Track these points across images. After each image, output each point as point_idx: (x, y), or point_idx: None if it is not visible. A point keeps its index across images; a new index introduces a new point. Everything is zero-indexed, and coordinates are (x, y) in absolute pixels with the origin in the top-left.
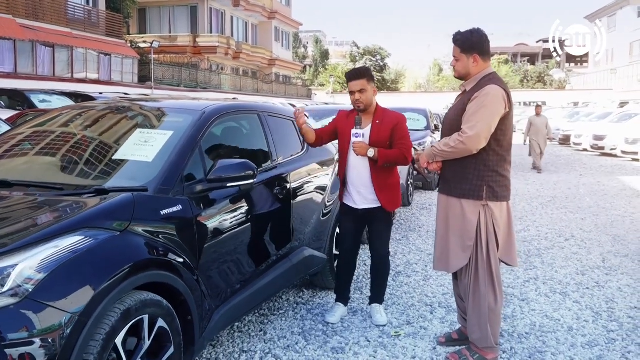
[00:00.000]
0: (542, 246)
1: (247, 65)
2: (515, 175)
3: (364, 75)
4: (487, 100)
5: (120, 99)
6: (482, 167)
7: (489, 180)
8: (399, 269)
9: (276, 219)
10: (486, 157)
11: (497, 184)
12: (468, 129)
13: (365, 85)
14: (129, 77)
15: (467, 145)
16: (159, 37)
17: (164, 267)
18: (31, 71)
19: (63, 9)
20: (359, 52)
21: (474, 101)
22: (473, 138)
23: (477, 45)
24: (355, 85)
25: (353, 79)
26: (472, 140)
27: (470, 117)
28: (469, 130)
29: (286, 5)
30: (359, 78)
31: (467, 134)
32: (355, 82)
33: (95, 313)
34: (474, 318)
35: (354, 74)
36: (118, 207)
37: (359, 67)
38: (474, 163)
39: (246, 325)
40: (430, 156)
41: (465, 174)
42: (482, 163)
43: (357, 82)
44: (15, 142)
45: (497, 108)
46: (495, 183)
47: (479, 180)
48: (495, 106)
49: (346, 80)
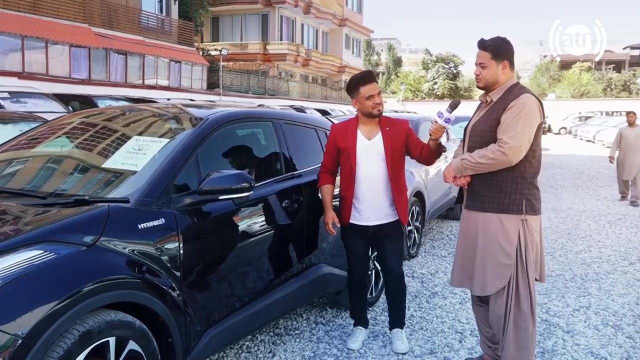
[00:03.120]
0: (601, 270)
1: (316, 73)
2: (585, 189)
3: (377, 79)
4: (525, 110)
5: (130, 105)
6: (520, 179)
7: (527, 193)
8: (436, 289)
9: (285, 234)
10: (523, 169)
11: (534, 197)
12: (509, 139)
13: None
14: (198, 83)
15: (508, 157)
16: (231, 45)
17: (136, 286)
18: (104, 78)
19: (137, 18)
20: (431, 60)
21: (510, 110)
22: (515, 148)
23: (509, 52)
24: (374, 88)
25: (372, 81)
26: (514, 151)
27: (509, 126)
28: (511, 140)
29: (357, 12)
30: (375, 80)
31: (509, 144)
32: (373, 85)
33: (44, 335)
34: (514, 343)
35: (370, 75)
36: (88, 220)
37: (368, 70)
38: (511, 176)
39: (257, 345)
40: (459, 169)
41: (503, 187)
42: (519, 175)
43: (375, 85)
44: (14, 149)
45: (535, 118)
46: (532, 196)
47: (517, 193)
48: (533, 116)
49: (359, 84)
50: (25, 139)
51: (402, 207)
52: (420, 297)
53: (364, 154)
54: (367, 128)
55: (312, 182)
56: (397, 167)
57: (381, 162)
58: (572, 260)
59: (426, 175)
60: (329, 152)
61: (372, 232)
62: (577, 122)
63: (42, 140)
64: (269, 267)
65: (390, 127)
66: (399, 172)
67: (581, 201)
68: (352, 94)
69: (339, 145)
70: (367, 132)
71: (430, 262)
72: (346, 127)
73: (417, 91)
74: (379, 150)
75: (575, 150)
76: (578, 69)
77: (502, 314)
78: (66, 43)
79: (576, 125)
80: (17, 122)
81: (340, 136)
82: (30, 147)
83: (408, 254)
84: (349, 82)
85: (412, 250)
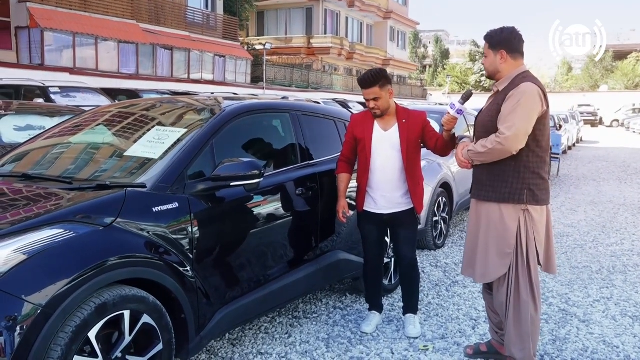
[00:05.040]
0: (631, 262)
1: (360, 66)
2: (629, 182)
3: (376, 82)
4: (523, 99)
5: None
6: (522, 168)
7: (530, 183)
8: (457, 278)
9: (299, 220)
10: (526, 158)
11: (537, 187)
12: (505, 129)
13: (378, 92)
14: (242, 77)
15: (505, 146)
16: (275, 39)
17: (150, 264)
18: (151, 72)
19: (183, 14)
20: (478, 51)
21: (508, 100)
22: (511, 138)
23: (505, 41)
24: (368, 93)
25: (365, 87)
26: (511, 141)
27: (507, 116)
28: (507, 130)
29: (403, 4)
30: (370, 86)
31: (505, 134)
32: (367, 91)
33: (62, 306)
34: (514, 329)
35: (366, 81)
36: (106, 203)
37: (371, 72)
38: (513, 165)
39: (275, 326)
40: (468, 159)
41: (504, 177)
42: (522, 165)
43: (370, 90)
44: (49, 139)
45: (533, 106)
46: (536, 186)
47: (519, 183)
48: (531, 104)
49: (360, 86)
50: (60, 130)
51: (417, 196)
52: (440, 285)
53: (379, 145)
54: (383, 120)
55: (329, 171)
56: (412, 158)
57: (396, 153)
58: (602, 253)
59: (455, 167)
60: (348, 142)
61: (387, 220)
62: (630, 115)
63: (74, 130)
64: (282, 252)
65: (407, 119)
66: (415, 163)
67: (622, 194)
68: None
69: (356, 135)
70: (383, 124)
71: (455, 253)
72: (364, 117)
73: (464, 83)
74: (394, 141)
75: (625, 143)
76: (634, 59)
77: (504, 300)
78: (115, 39)
79: (629, 118)
80: (63, 115)
81: (358, 126)
82: (62, 137)
83: (434, 244)
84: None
85: (439, 241)
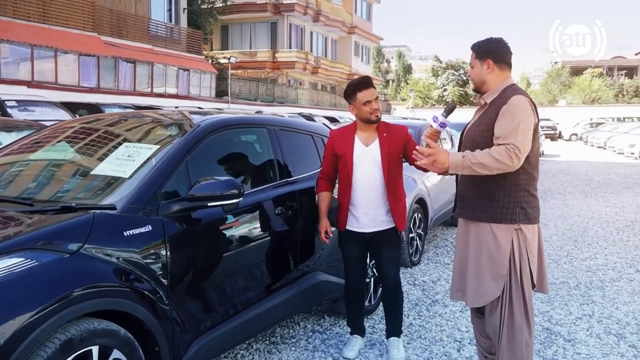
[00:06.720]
0: (607, 277)
1: (325, 80)
2: (594, 196)
3: (373, 84)
4: (524, 114)
5: (127, 112)
6: (513, 186)
7: (521, 201)
8: (437, 297)
9: (278, 241)
10: (516, 175)
11: (528, 205)
12: (520, 145)
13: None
14: (207, 91)
15: (513, 163)
16: (240, 53)
17: (121, 294)
18: (113, 86)
19: (146, 27)
20: (440, 67)
21: (505, 114)
22: (523, 156)
23: (493, 51)
24: (372, 93)
25: (369, 87)
26: (522, 159)
27: (513, 132)
28: (521, 146)
29: (367, 20)
30: (372, 86)
31: (519, 149)
32: (370, 91)
33: (22, 344)
34: (508, 355)
35: (368, 81)
36: (71, 227)
37: (366, 76)
38: (503, 182)
39: (252, 353)
40: (456, 165)
41: (494, 196)
42: (512, 182)
43: (373, 90)
44: (6, 156)
45: (531, 120)
46: (527, 204)
47: (510, 202)
48: (530, 119)
49: (356, 89)
50: (18, 146)
51: (399, 214)
52: (420, 305)
53: (360, 160)
54: (364, 134)
55: (308, 189)
56: (394, 174)
57: (377, 169)
58: (577, 268)
59: (429, 182)
60: (328, 158)
61: (369, 239)
62: (588, 129)
63: (35, 147)
64: (261, 275)
65: (387, 133)
66: (396, 179)
67: (589, 208)
68: (349, 100)
69: (336, 152)
70: (364, 139)
71: (432, 270)
72: (344, 133)
73: (427, 98)
74: (375, 156)
75: (585, 157)
76: (589, 75)
77: (497, 324)
78: (75, 52)
79: (587, 132)
80: (21, 130)
81: (338, 142)
82: (22, 154)
83: (410, 262)
84: (346, 88)
85: (415, 258)
